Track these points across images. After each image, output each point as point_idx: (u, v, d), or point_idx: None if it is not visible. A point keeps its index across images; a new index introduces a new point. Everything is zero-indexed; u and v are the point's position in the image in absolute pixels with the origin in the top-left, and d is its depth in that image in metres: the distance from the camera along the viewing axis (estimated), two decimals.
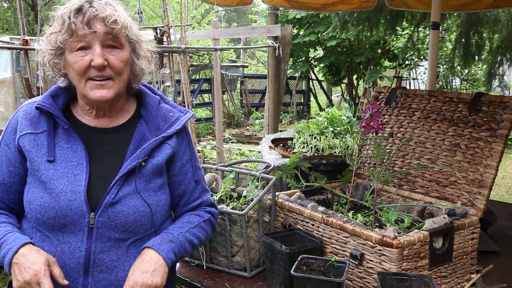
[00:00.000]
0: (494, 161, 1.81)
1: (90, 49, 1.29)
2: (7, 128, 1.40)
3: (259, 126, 11.91)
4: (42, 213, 1.31)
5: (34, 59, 4.32)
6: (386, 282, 1.44)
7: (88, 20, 1.27)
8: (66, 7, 1.30)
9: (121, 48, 1.33)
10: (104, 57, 1.29)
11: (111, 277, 1.34)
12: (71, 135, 1.37)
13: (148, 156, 1.39)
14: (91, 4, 1.29)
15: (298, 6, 4.32)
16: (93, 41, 1.28)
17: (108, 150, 1.40)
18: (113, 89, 1.33)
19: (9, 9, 16.63)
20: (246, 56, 15.39)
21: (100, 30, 1.28)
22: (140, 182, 1.37)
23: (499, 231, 2.44)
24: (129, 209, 1.34)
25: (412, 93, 2.24)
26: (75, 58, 1.29)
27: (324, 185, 2.18)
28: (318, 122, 3.25)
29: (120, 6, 1.35)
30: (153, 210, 1.38)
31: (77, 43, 1.29)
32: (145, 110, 1.46)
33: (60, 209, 1.30)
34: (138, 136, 1.41)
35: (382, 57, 13.48)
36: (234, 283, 1.86)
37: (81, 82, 1.32)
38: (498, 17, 6.28)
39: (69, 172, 1.33)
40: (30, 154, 1.34)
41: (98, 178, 1.36)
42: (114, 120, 1.43)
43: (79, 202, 1.31)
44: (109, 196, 1.33)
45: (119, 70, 1.33)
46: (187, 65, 4.88)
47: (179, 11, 4.90)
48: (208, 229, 1.53)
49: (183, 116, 1.48)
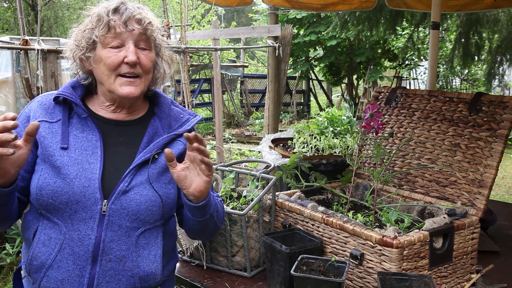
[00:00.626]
0: (494, 161, 1.81)
1: (123, 47, 1.37)
2: (19, 118, 1.42)
3: (259, 126, 11.91)
4: (54, 198, 1.32)
5: (34, 59, 4.32)
6: (386, 282, 1.44)
7: (126, 20, 1.36)
8: (102, 7, 1.37)
9: (150, 49, 1.43)
10: (137, 55, 1.37)
11: (118, 266, 1.35)
12: (87, 124, 1.41)
13: (161, 150, 1.44)
14: (126, 5, 1.38)
15: (298, 6, 4.32)
16: (128, 39, 1.37)
17: (123, 141, 1.45)
18: (140, 87, 1.41)
19: (9, 9, 16.63)
20: (246, 56, 15.39)
21: (136, 30, 1.37)
22: (152, 174, 1.41)
23: (499, 231, 2.44)
24: (141, 197, 1.38)
25: (412, 93, 2.24)
26: (108, 54, 1.36)
27: (324, 185, 2.18)
28: (318, 122, 3.25)
29: (150, 11, 1.44)
30: (164, 201, 1.42)
31: (112, 40, 1.36)
32: (159, 108, 1.53)
33: (74, 195, 1.32)
34: (151, 131, 1.47)
35: (382, 57, 13.48)
36: (234, 283, 1.86)
37: (110, 77, 1.38)
38: (498, 17, 6.28)
39: (83, 159, 1.37)
40: (45, 140, 1.37)
41: (112, 167, 1.40)
42: (129, 115, 1.50)
43: (93, 188, 1.34)
44: (123, 184, 1.36)
45: (148, 69, 1.42)
46: (187, 65, 4.88)
47: (179, 11, 4.91)
48: (222, 212, 1.56)
49: (192, 118, 1.57)
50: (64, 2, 19.13)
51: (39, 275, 1.34)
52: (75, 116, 1.42)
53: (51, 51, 3.99)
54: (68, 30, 8.21)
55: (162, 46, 1.49)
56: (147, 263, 1.40)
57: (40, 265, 1.33)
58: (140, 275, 1.38)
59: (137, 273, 1.38)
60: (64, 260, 1.32)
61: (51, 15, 18.07)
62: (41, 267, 1.33)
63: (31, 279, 1.37)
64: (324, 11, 7.15)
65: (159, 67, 1.49)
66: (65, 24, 18.37)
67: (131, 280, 1.37)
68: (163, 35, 1.50)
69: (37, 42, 3.97)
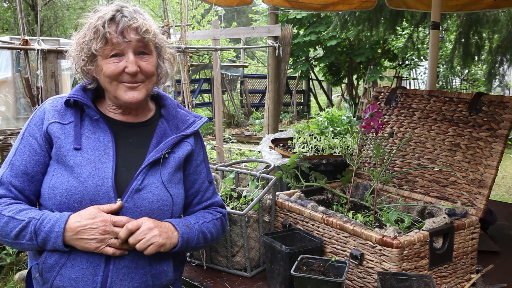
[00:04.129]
0: (494, 161, 1.81)
1: (123, 56, 1.38)
2: (32, 120, 1.44)
3: (259, 126, 11.91)
4: (68, 197, 1.34)
5: (34, 59, 4.32)
6: (386, 282, 1.44)
7: (122, 30, 1.35)
8: (99, 17, 1.37)
9: (150, 54, 1.43)
10: (137, 64, 1.38)
11: (131, 264, 1.37)
12: (99, 126, 1.44)
13: (171, 150, 1.48)
14: (123, 13, 1.37)
15: (298, 6, 4.32)
16: (126, 49, 1.37)
17: (133, 142, 1.48)
18: (143, 91, 1.43)
19: (9, 9, 16.63)
20: (245, 56, 15.39)
21: (133, 39, 1.36)
22: (164, 173, 1.44)
23: (499, 231, 2.44)
24: (154, 196, 1.40)
25: (412, 93, 2.24)
26: (108, 64, 1.37)
27: (324, 185, 2.18)
28: (318, 122, 3.25)
29: (147, 14, 1.45)
30: (174, 201, 1.45)
31: (111, 50, 1.37)
32: (166, 110, 1.56)
33: (87, 194, 1.34)
34: (160, 132, 1.50)
35: (382, 57, 13.47)
36: (234, 283, 1.86)
37: (112, 85, 1.40)
38: (498, 17, 6.28)
39: (96, 159, 1.38)
40: (59, 140, 1.38)
41: (124, 166, 1.42)
42: (138, 118, 1.52)
43: (107, 187, 1.36)
44: (136, 182, 1.39)
45: (150, 74, 1.43)
46: (187, 65, 4.88)
47: (179, 11, 4.90)
48: (219, 227, 1.59)
49: (198, 120, 1.59)
50: (64, 2, 19.12)
51: (52, 274, 1.34)
52: (87, 118, 1.44)
53: (51, 51, 3.99)
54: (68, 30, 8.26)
55: (163, 46, 1.49)
56: (159, 261, 1.42)
57: (54, 263, 1.34)
58: (152, 273, 1.41)
59: (150, 271, 1.40)
60: (78, 258, 1.34)
61: (51, 15, 18.07)
62: (55, 265, 1.34)
63: (41, 280, 1.37)
64: (324, 11, 7.15)
65: (162, 68, 1.50)
66: (65, 24, 18.37)
67: (144, 278, 1.39)
68: (163, 34, 1.50)
69: (37, 42, 3.98)
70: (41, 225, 1.30)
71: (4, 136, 4.21)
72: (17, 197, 1.38)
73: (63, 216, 1.31)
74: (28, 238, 1.30)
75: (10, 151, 1.44)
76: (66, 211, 1.34)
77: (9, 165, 1.39)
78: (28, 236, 1.30)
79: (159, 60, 1.48)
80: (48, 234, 1.30)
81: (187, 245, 1.45)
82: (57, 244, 1.30)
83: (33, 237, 1.30)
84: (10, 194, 1.37)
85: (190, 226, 1.46)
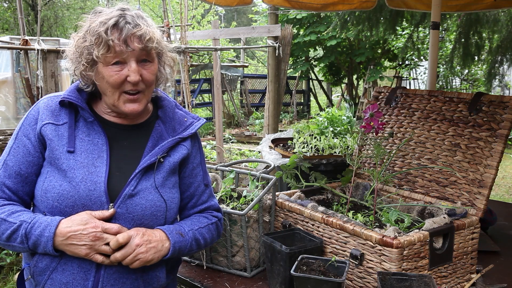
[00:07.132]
0: (494, 161, 1.81)
1: (125, 64, 1.34)
2: (26, 119, 1.42)
3: (259, 126, 11.91)
4: (60, 201, 1.32)
5: (34, 59, 4.32)
6: (386, 282, 1.44)
7: (126, 38, 1.31)
8: (100, 22, 1.32)
9: (152, 61, 1.40)
10: (139, 73, 1.35)
11: (123, 269, 1.36)
12: (93, 128, 1.41)
13: (166, 154, 1.45)
14: (126, 19, 1.33)
15: (298, 6, 4.32)
16: (129, 57, 1.34)
17: (128, 145, 1.45)
18: (143, 101, 1.41)
19: (9, 9, 16.63)
20: (245, 56, 15.38)
21: (137, 48, 1.33)
22: (158, 178, 1.41)
23: (499, 231, 2.44)
24: (147, 202, 1.38)
25: (412, 93, 2.24)
26: (110, 72, 1.34)
27: (324, 185, 2.18)
28: (318, 122, 3.25)
29: (150, 19, 1.41)
30: (168, 206, 1.43)
31: (113, 58, 1.33)
32: (163, 112, 1.53)
33: (80, 198, 1.32)
34: (156, 135, 1.47)
35: (382, 57, 13.48)
36: (234, 283, 1.86)
37: (114, 94, 1.37)
38: (498, 17, 6.28)
39: (89, 163, 1.36)
40: (52, 142, 1.36)
41: (117, 171, 1.40)
42: (134, 120, 1.49)
43: (99, 192, 1.33)
44: (129, 188, 1.36)
45: (150, 83, 1.40)
46: (187, 65, 4.88)
47: (179, 11, 4.90)
48: (214, 232, 1.57)
49: (196, 122, 1.56)
50: (64, 2, 19.13)
51: (43, 278, 1.33)
52: (81, 120, 1.42)
53: (51, 51, 3.99)
54: (68, 30, 8.26)
55: (164, 52, 1.46)
56: (151, 266, 1.39)
57: (45, 267, 1.33)
58: (144, 278, 1.39)
59: (141, 276, 1.38)
60: (69, 263, 1.32)
61: (51, 15, 18.07)
62: (46, 269, 1.33)
63: (33, 282, 1.36)
64: (324, 11, 7.15)
65: (162, 74, 1.48)
66: (65, 24, 18.37)
67: (135, 283, 1.37)
68: (163, 34, 1.49)
69: (37, 42, 3.98)
70: (31, 229, 1.29)
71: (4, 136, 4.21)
72: (11, 198, 1.37)
73: (54, 221, 1.29)
74: (19, 241, 1.29)
75: (4, 150, 1.42)
76: (58, 215, 1.32)
77: (2, 165, 1.37)
78: (19, 239, 1.29)
79: (159, 65, 1.46)
80: (38, 238, 1.28)
81: (178, 253, 1.43)
82: (47, 249, 1.29)
83: (24, 240, 1.29)
84: (4, 195, 1.36)
85: (183, 234, 1.43)
